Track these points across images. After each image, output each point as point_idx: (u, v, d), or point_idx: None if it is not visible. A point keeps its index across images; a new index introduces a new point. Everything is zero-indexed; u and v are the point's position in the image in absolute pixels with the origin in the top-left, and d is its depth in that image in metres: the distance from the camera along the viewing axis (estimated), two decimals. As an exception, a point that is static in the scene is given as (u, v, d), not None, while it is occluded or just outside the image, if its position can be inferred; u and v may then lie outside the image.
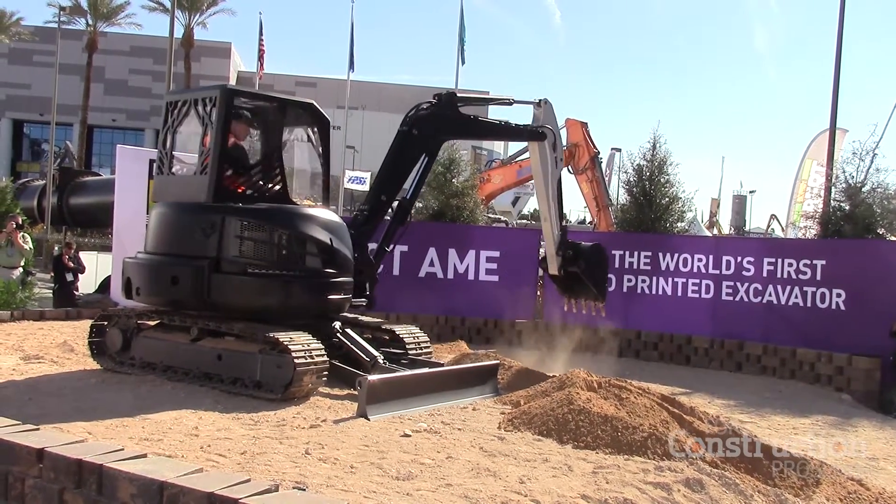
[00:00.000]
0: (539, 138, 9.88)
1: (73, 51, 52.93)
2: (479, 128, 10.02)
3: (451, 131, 9.77)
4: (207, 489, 3.43)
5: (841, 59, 19.51)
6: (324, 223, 8.18)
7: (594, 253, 10.32)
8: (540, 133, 9.85)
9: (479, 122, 9.77)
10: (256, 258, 7.76)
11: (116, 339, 8.31)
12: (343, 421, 6.48)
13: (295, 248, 7.90)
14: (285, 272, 7.85)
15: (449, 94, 9.12)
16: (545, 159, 9.96)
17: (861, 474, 6.33)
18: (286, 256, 7.86)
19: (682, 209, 14.42)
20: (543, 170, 9.98)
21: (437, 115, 8.97)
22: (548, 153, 9.94)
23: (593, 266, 10.24)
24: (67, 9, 49.38)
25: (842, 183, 13.09)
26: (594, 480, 5.06)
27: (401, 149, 8.88)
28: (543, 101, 9.91)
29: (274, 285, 7.81)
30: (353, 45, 41.86)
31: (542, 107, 9.90)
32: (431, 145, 9.17)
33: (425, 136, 8.94)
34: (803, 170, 31.23)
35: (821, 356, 11.24)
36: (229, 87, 8.61)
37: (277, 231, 7.83)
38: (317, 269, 7.98)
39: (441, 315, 13.20)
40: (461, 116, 9.18)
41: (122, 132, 59.88)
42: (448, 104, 9.01)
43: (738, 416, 8.57)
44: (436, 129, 9.06)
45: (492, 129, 10.51)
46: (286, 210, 8.09)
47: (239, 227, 7.75)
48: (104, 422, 6.08)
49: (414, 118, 8.89)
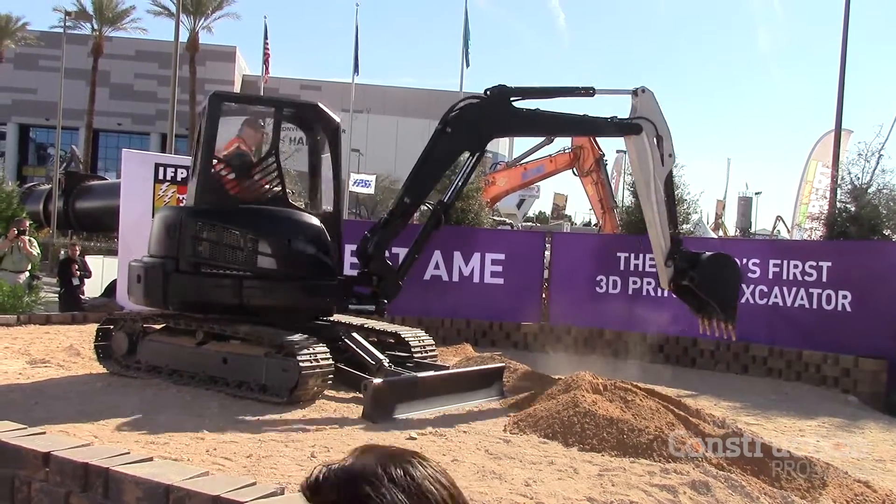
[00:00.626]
0: (633, 131, 8.49)
1: (79, 55, 53.03)
2: (543, 123, 8.80)
3: (501, 128, 8.80)
4: (213, 492, 3.43)
5: (846, 61, 19.51)
6: (288, 224, 8.13)
7: (715, 264, 8.76)
8: (634, 126, 8.47)
9: (544, 117, 8.47)
10: (209, 258, 7.92)
11: (122, 343, 8.34)
12: (348, 424, 6.49)
13: (246, 248, 7.90)
14: (236, 272, 7.90)
15: (500, 88, 8.12)
16: (644, 156, 8.58)
17: (868, 476, 6.30)
18: (237, 256, 7.90)
19: (687, 211, 14.39)
20: (643, 168, 8.61)
21: (480, 111, 8.15)
22: (647, 148, 8.51)
23: (713, 280, 8.63)
24: (73, 14, 49.43)
25: (847, 184, 13.06)
26: (600, 483, 5.06)
27: (430, 149, 8.20)
28: (641, 90, 8.53)
29: (224, 284, 7.89)
30: (358, 48, 41.84)
31: (641, 96, 8.53)
32: (473, 144, 8.39)
33: (462, 135, 8.16)
34: (808, 171, 31.17)
35: (827, 358, 11.20)
36: (218, 92, 8.84)
37: (227, 231, 7.91)
38: (270, 270, 7.93)
39: (446, 318, 13.19)
40: (515, 111, 8.17)
41: (128, 136, 60.06)
42: (498, 99, 8.11)
43: (744, 418, 8.54)
44: (479, 125, 8.20)
45: (564, 123, 8.94)
46: (241, 211, 8.14)
47: (194, 227, 7.93)
48: (110, 425, 6.10)
49: (449, 115, 8.20)
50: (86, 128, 55.77)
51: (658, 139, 8.49)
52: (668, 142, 8.52)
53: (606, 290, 13.08)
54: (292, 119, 9.12)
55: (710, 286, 8.60)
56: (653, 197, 8.56)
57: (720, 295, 8.68)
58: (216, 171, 8.33)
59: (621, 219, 17.93)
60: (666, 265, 8.58)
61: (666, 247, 8.56)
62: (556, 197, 51.73)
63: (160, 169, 13.51)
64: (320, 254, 8.16)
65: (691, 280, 8.52)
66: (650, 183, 8.55)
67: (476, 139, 8.35)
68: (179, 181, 13.49)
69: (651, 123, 8.46)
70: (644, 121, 8.46)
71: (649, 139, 8.48)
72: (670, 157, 8.57)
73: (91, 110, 54.60)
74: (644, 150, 8.52)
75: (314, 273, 8.13)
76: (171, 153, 27.95)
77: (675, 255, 8.56)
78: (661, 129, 8.48)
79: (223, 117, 8.42)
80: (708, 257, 8.73)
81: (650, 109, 8.56)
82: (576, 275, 13.39)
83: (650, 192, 8.58)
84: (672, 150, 8.59)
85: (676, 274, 8.59)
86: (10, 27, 56.64)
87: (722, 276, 8.75)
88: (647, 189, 8.61)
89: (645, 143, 8.51)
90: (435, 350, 9.04)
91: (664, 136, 8.49)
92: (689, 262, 8.54)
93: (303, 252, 8.06)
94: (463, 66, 37.45)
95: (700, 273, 8.51)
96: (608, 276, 13.09)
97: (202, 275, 7.91)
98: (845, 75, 19.49)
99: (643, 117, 8.48)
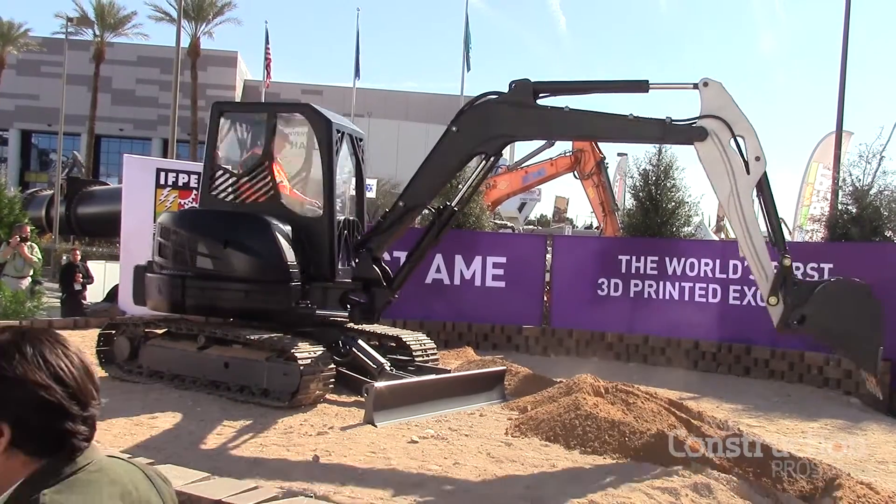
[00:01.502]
0: (697, 137, 6.56)
1: (81, 61, 53.14)
2: (574, 124, 7.28)
3: (520, 128, 7.41)
4: (216, 496, 3.45)
5: (847, 63, 19.55)
6: (231, 226, 8.13)
7: (834, 295, 6.46)
8: (697, 130, 6.56)
9: (576, 117, 7.03)
10: (164, 258, 8.24)
11: (124, 348, 8.37)
12: (350, 428, 6.49)
13: (186, 248, 8.04)
14: (178, 272, 8.09)
15: (525, 82, 7.02)
16: (718, 167, 6.54)
17: (871, 477, 6.30)
18: (180, 257, 8.09)
19: (688, 213, 14.38)
20: (719, 182, 6.56)
21: (497, 107, 7.20)
22: (721, 156, 6.51)
23: (834, 318, 6.41)
24: (75, 20, 49.51)
25: (848, 186, 13.07)
26: (601, 485, 5.06)
27: (435, 149, 7.55)
28: (703, 83, 6.59)
29: (171, 284, 8.09)
30: (359, 52, 42.02)
31: (704, 90, 6.60)
32: (484, 145, 7.35)
33: (471, 135, 7.30)
34: (810, 173, 31.12)
35: (829, 360, 11.19)
36: (219, 101, 9.15)
37: (174, 232, 8.14)
38: (206, 270, 7.99)
39: (448, 321, 13.19)
40: (540, 109, 7.08)
41: (130, 141, 60.07)
42: (522, 94, 7.02)
43: (746, 420, 8.54)
44: (492, 124, 7.23)
45: (602, 127, 7.22)
46: (192, 213, 8.47)
47: (158, 229, 8.38)
48: (112, 430, 6.11)
49: (460, 112, 7.41)
50: (88, 133, 55.82)
51: (738, 141, 6.55)
52: (752, 140, 6.49)
53: (608, 293, 13.08)
54: (288, 122, 9.12)
55: (829, 328, 6.49)
56: (737, 215, 6.51)
57: (846, 338, 6.53)
58: (215, 177, 8.52)
59: (622, 222, 17.93)
60: (769, 302, 6.40)
61: (769, 276, 6.41)
62: (557, 200, 51.73)
63: (161, 174, 13.54)
64: (271, 256, 7.91)
65: (800, 321, 6.34)
66: (732, 199, 6.50)
67: (487, 140, 7.29)
68: (181, 186, 13.53)
69: (723, 122, 6.52)
70: (713, 119, 6.54)
71: (722, 144, 6.52)
72: (758, 160, 6.44)
73: (93, 116, 54.65)
74: (716, 160, 6.53)
75: (258, 275, 7.94)
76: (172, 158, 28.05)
77: (782, 288, 6.37)
78: (740, 127, 6.51)
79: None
80: (823, 288, 6.48)
81: (720, 104, 6.58)
82: (577, 278, 13.39)
83: (733, 209, 6.54)
84: (760, 151, 6.49)
85: (787, 311, 6.35)
86: (12, 34, 56.71)
87: (846, 312, 6.45)
88: (728, 206, 6.58)
89: (716, 151, 6.52)
90: (436, 353, 9.05)
91: (746, 135, 6.49)
92: (799, 297, 6.35)
93: (243, 254, 7.95)
94: (464, 70, 37.63)
95: (813, 309, 6.31)
96: (609, 279, 13.08)
97: (161, 275, 8.25)
98: (846, 77, 19.54)
99: (712, 115, 6.56)
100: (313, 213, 8.45)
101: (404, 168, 36.91)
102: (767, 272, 6.42)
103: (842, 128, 20.04)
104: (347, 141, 8.78)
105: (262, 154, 8.45)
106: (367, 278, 8.03)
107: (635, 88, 6.91)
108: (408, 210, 7.76)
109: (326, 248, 8.22)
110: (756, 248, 6.48)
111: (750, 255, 6.51)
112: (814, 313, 6.28)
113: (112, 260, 20.13)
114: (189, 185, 13.56)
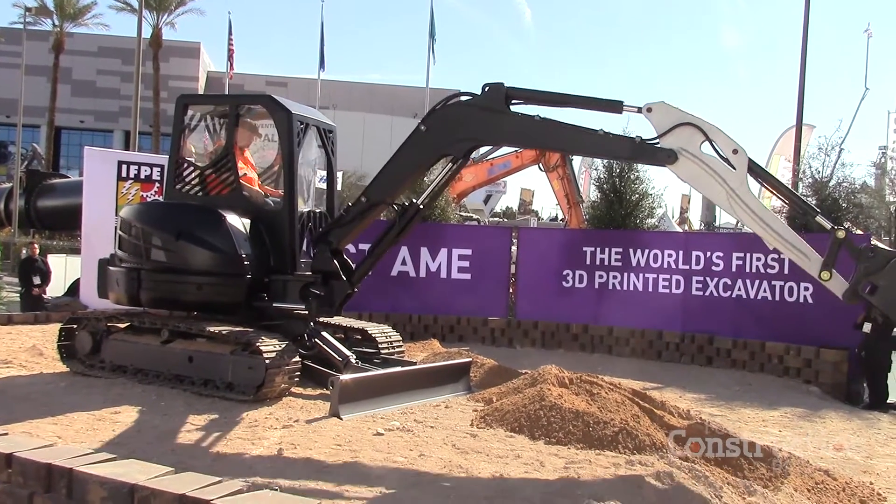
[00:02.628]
0: (668, 160, 6.24)
1: (40, 52, 52.25)
2: (545, 135, 6.99)
3: (490, 133, 7.17)
4: (179, 491, 3.42)
5: (806, 57, 19.84)
6: (186, 218, 8.12)
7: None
8: (666, 153, 6.22)
9: (547, 127, 6.80)
10: (124, 251, 8.24)
11: (86, 343, 8.26)
12: (315, 421, 6.48)
13: (142, 241, 8.03)
14: (134, 265, 8.07)
15: (498, 85, 6.78)
16: (703, 178, 6.23)
17: (828, 465, 6.42)
18: (137, 250, 8.07)
19: (652, 205, 14.51)
20: (711, 191, 6.31)
21: (468, 110, 6.97)
22: (700, 168, 6.18)
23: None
24: (33, 9, 48.77)
25: (808, 178, 13.28)
26: (566, 475, 5.11)
27: (403, 146, 7.36)
28: (646, 108, 6.31)
29: (128, 277, 8.07)
30: (324, 44, 41.81)
31: (650, 114, 6.30)
32: (451, 149, 7.14)
33: (439, 137, 7.08)
34: (771, 165, 31.61)
35: (789, 349, 11.38)
36: (185, 94, 9.11)
37: (132, 225, 8.13)
38: (161, 263, 7.96)
39: (414, 313, 13.20)
40: (511, 116, 6.81)
41: (91, 134, 59.19)
42: (494, 98, 6.75)
43: (708, 409, 8.65)
44: (460, 127, 7.00)
45: (574, 140, 6.89)
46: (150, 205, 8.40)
47: (120, 222, 8.44)
48: (74, 426, 6.04)
49: (432, 111, 7.22)
50: (47, 125, 55.00)
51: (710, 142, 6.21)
52: (721, 137, 6.19)
53: (573, 285, 13.17)
54: (258, 114, 9.04)
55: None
56: (746, 212, 6.16)
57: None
58: (179, 170, 8.50)
59: (587, 213, 18.03)
60: (821, 277, 5.93)
61: (809, 254, 6.00)
62: (522, 192, 51.95)
63: (123, 166, 13.40)
64: (224, 249, 7.88)
65: (871, 292, 5.87)
66: (731, 201, 6.17)
67: (455, 143, 7.08)
68: (143, 179, 13.39)
69: (691, 126, 6.19)
70: (674, 135, 6.21)
71: (695, 156, 6.20)
72: (736, 153, 6.11)
73: (53, 107, 53.87)
74: (698, 174, 6.24)
75: (212, 268, 7.92)
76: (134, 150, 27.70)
77: (836, 259, 5.88)
78: (705, 128, 6.20)
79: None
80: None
81: (675, 118, 6.28)
82: (542, 269, 13.47)
83: (738, 209, 6.18)
84: (735, 143, 6.15)
85: (859, 277, 5.88)
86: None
87: None
88: (733, 209, 6.23)
89: (693, 166, 6.23)
90: (402, 346, 9.05)
91: (713, 135, 6.19)
92: (874, 265, 5.83)
93: (196, 246, 7.92)
94: (429, 62, 37.57)
95: (888, 281, 5.82)
96: (574, 270, 13.18)
97: (120, 268, 8.23)
98: (805, 71, 19.84)
99: (670, 130, 6.25)
100: (276, 206, 8.41)
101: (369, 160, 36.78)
102: (806, 251, 6.02)
103: (801, 121, 20.35)
104: (315, 133, 8.74)
105: (224, 146, 8.40)
106: (325, 271, 7.89)
107: (609, 108, 6.60)
108: (371, 205, 7.61)
109: (287, 240, 8.19)
110: (782, 235, 6.11)
111: (781, 245, 6.10)
112: (888, 285, 5.80)
113: (73, 254, 19.87)
114: (151, 177, 13.43)
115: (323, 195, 9.26)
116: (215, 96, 9.70)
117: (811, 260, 5.99)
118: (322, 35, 41.66)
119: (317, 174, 9.19)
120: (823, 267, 5.92)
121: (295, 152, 8.20)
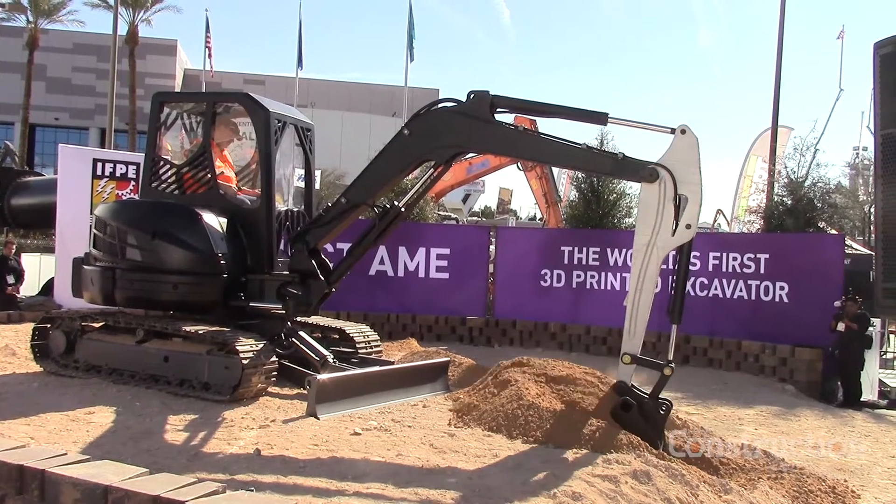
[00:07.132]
0: (647, 179, 6.25)
1: (14, 48, 51.73)
2: (528, 146, 7.12)
3: (473, 141, 7.11)
4: (153, 492, 3.38)
5: (782, 59, 20.03)
6: (160, 217, 8.07)
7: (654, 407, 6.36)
8: (649, 173, 6.23)
9: (531, 139, 7.00)
10: (99, 250, 8.19)
11: (60, 342, 8.18)
12: (293, 420, 6.45)
13: (117, 240, 7.97)
14: (109, 264, 8.03)
15: (484, 93, 6.70)
16: (649, 213, 6.30)
17: (803, 463, 6.47)
18: (112, 248, 8.02)
19: (629, 205, 14.60)
20: (643, 226, 6.36)
21: (452, 117, 6.91)
22: (656, 205, 6.24)
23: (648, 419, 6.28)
24: (7, 5, 48.19)
25: (784, 178, 13.40)
26: (544, 474, 5.11)
27: (385, 149, 7.36)
28: (681, 130, 6.22)
29: (103, 276, 8.03)
30: (302, 42, 41.71)
31: (680, 137, 6.24)
32: (433, 154, 7.11)
33: (422, 142, 7.03)
34: (748, 165, 31.79)
35: (765, 348, 11.48)
36: (160, 91, 9.17)
37: (107, 224, 8.08)
38: (136, 262, 7.91)
39: (392, 313, 13.20)
40: (495, 126, 6.79)
41: (66, 131, 58.52)
42: (478, 106, 6.70)
43: (685, 408, 8.70)
44: (444, 133, 6.95)
45: (556, 153, 6.86)
46: (125, 204, 8.33)
47: (94, 221, 8.36)
48: (47, 426, 5.98)
49: (415, 115, 7.15)
50: (22, 122, 54.26)
51: (680, 200, 6.17)
52: (693, 207, 6.16)
53: (551, 284, 13.22)
54: (237, 113, 8.98)
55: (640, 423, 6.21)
56: (641, 266, 6.35)
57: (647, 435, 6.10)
58: (155, 168, 8.46)
59: (565, 213, 18.08)
60: (623, 360, 6.44)
61: (637, 336, 6.45)
62: (501, 191, 51.96)
63: (98, 164, 13.31)
64: (199, 248, 7.83)
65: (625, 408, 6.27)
66: (645, 249, 6.31)
67: (438, 149, 7.05)
68: (119, 177, 13.29)
69: (672, 177, 6.17)
70: (665, 170, 6.20)
71: (665, 195, 6.20)
72: (688, 228, 6.18)
73: (27, 104, 53.14)
74: (651, 206, 6.28)
75: (187, 267, 7.86)
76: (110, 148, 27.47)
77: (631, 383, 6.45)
78: (689, 188, 6.16)
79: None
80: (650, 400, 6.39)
81: (685, 158, 6.21)
82: (520, 269, 13.50)
83: (640, 258, 6.35)
84: (694, 220, 6.21)
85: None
86: (-60, 19, 54.88)
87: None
88: (638, 253, 6.39)
89: (655, 197, 6.25)
90: (380, 345, 9.04)
91: (691, 198, 6.15)
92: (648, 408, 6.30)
93: (171, 246, 7.87)
94: (407, 61, 37.53)
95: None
96: (552, 269, 13.23)
97: (95, 267, 8.17)
98: (781, 73, 20.03)
99: (666, 166, 6.20)
100: (253, 205, 8.35)
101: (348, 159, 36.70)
102: (638, 332, 6.40)
103: (777, 121, 20.51)
104: (293, 131, 8.69)
105: (201, 144, 8.34)
106: (302, 270, 7.84)
107: (594, 120, 6.63)
108: (351, 207, 7.52)
109: (264, 239, 8.16)
110: (640, 307, 6.36)
111: (630, 309, 6.37)
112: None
113: (47, 252, 19.66)
114: (127, 175, 13.32)
115: (301, 194, 9.21)
116: (192, 94, 9.62)
117: (631, 342, 6.39)
118: (300, 33, 41.60)
119: (295, 173, 9.13)
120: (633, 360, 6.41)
121: (272, 151, 8.18)
